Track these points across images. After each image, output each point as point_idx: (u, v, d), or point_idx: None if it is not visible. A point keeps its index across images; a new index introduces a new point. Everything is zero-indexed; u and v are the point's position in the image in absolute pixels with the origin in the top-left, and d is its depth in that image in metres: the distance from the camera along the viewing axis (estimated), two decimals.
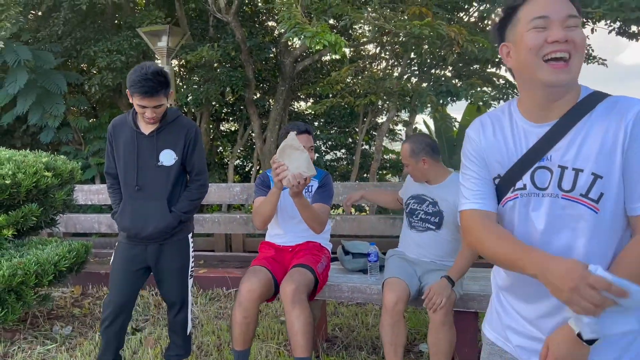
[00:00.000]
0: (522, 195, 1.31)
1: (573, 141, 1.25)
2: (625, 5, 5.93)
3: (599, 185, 1.21)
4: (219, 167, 9.48)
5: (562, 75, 1.22)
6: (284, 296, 2.59)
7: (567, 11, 1.23)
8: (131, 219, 2.56)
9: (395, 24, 4.19)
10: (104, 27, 7.62)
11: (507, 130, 1.35)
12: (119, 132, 2.59)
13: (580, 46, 1.23)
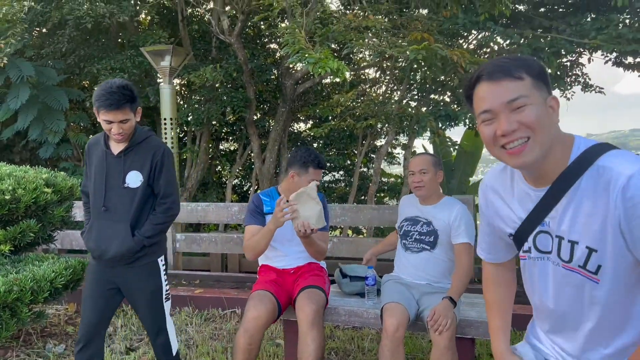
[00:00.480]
0: (529, 258, 1.35)
1: (566, 211, 1.23)
2: (622, 37, 6.04)
3: (595, 258, 1.20)
4: (217, 187, 9.50)
5: (521, 159, 1.20)
6: (303, 317, 2.52)
7: (506, 97, 1.19)
8: (95, 239, 2.47)
9: (396, 49, 4.26)
10: (107, 45, 7.71)
11: (510, 192, 1.37)
12: (92, 152, 2.53)
13: (535, 123, 1.18)
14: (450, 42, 6.95)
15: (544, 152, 1.20)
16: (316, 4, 5.13)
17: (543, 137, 1.19)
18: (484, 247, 1.57)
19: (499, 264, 1.56)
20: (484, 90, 1.22)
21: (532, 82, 1.20)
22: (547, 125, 1.19)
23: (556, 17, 7.27)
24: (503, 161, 1.26)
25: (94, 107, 2.40)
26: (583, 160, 1.21)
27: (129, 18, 6.87)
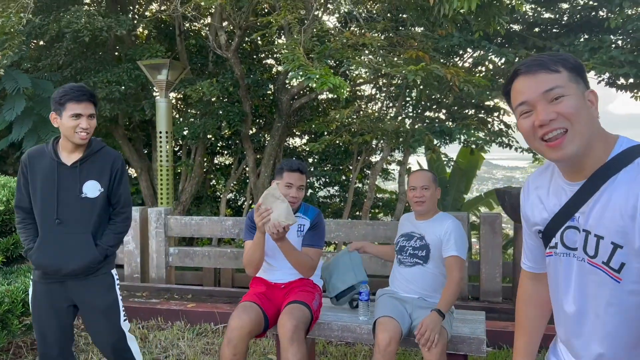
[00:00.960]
0: (555, 254, 1.32)
1: (596, 205, 1.21)
2: (614, 59, 6.14)
3: (619, 255, 1.16)
4: (211, 201, 9.47)
5: (561, 151, 1.19)
6: (282, 332, 2.54)
7: (543, 87, 1.20)
8: (51, 254, 2.36)
9: (392, 68, 4.31)
10: (104, 58, 7.74)
11: (547, 188, 1.36)
12: (35, 163, 2.41)
13: (573, 114, 1.18)
14: (446, 60, 7.04)
15: (584, 145, 1.19)
16: (313, 22, 5.19)
17: (582, 128, 1.18)
18: (527, 256, 1.52)
19: (538, 278, 1.50)
20: (521, 83, 1.24)
21: (568, 75, 1.21)
22: (585, 117, 1.18)
23: (550, 38, 7.38)
24: (544, 155, 1.24)
25: (56, 107, 2.35)
26: (623, 156, 1.20)
27: (127, 32, 6.91)
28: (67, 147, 2.41)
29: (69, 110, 2.33)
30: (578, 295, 1.27)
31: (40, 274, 2.44)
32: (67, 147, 2.41)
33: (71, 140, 2.37)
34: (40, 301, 2.44)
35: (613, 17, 6.36)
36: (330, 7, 6.52)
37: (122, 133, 8.27)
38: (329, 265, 3.10)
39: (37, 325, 2.44)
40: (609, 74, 6.69)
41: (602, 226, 1.18)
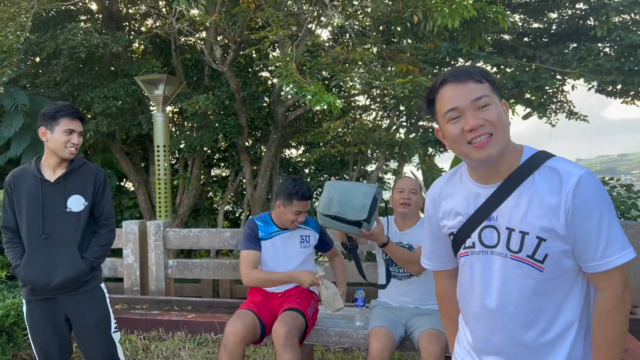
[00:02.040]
0: (472, 253, 1.43)
1: (517, 204, 1.34)
2: (601, 66, 6.29)
3: (543, 247, 1.31)
4: (208, 213, 9.53)
5: (486, 152, 1.31)
6: (276, 339, 2.63)
7: (472, 95, 1.31)
8: (38, 269, 2.41)
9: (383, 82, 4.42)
10: (101, 74, 7.84)
11: (459, 193, 1.46)
12: (19, 183, 2.48)
13: (497, 121, 1.30)
14: (438, 71, 7.17)
15: (503, 148, 1.33)
16: (306, 37, 5.31)
17: (503, 134, 1.32)
18: (427, 256, 1.65)
19: (449, 274, 1.62)
20: (451, 91, 1.34)
21: (489, 86, 1.34)
22: (504, 125, 1.33)
23: (539, 47, 7.55)
24: (469, 156, 1.34)
25: (47, 122, 2.42)
26: (533, 161, 1.36)
27: (123, 48, 7.02)
28: (51, 163, 2.49)
29: (62, 126, 2.42)
30: (501, 289, 1.38)
31: (28, 291, 2.47)
32: (51, 164, 2.49)
33: (60, 154, 2.44)
34: (37, 319, 2.48)
35: (599, 26, 6.53)
36: (323, 20, 6.65)
37: (119, 147, 8.35)
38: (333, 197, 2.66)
39: (38, 342, 2.49)
40: (597, 81, 6.84)
41: (526, 223, 1.32)
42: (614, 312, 1.31)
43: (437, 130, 1.46)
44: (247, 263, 2.85)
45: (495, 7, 4.46)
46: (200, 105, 6.14)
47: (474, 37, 4.61)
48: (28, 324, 2.52)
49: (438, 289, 1.69)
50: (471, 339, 1.50)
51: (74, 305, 2.49)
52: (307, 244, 3.01)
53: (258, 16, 5.28)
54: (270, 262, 2.94)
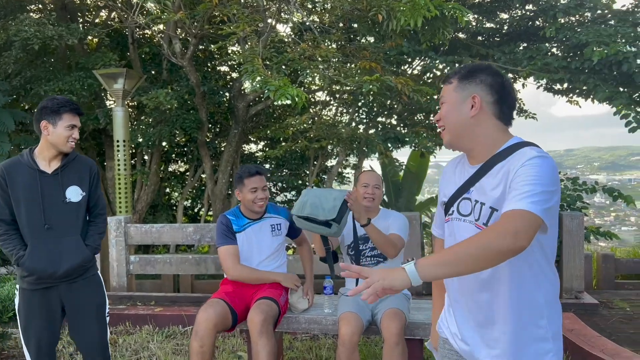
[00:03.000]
0: (451, 220, 1.64)
1: (487, 181, 1.53)
2: (550, 65, 6.61)
3: (494, 217, 1.48)
4: (167, 209, 9.41)
5: (443, 140, 1.65)
6: (251, 326, 2.70)
7: (441, 94, 1.63)
8: (45, 259, 2.46)
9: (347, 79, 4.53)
10: (55, 67, 7.61)
11: (458, 169, 1.69)
12: (14, 175, 2.48)
13: (445, 116, 1.60)
14: (397, 69, 7.36)
15: (454, 137, 1.60)
16: (270, 34, 5.35)
17: (452, 126, 1.59)
18: (437, 224, 1.83)
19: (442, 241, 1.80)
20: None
21: (457, 84, 1.59)
22: (456, 118, 1.57)
23: (492, 46, 7.84)
24: None
25: (50, 116, 2.46)
26: (511, 148, 1.53)
27: (78, 40, 6.84)
28: (47, 156, 2.53)
29: (66, 121, 2.49)
30: None
31: (33, 281, 2.49)
32: (47, 156, 2.53)
33: (60, 148, 2.50)
34: (35, 308, 2.51)
35: (548, 27, 6.85)
36: (284, 16, 6.70)
37: None
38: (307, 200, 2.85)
39: (33, 332, 2.51)
40: (546, 79, 7.18)
41: (488, 196, 1.51)
42: (487, 236, 1.37)
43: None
44: (231, 258, 2.96)
45: (453, 4, 4.64)
46: (162, 100, 6.07)
47: (434, 34, 4.78)
48: (22, 315, 2.54)
49: (436, 251, 1.89)
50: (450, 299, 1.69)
51: (75, 292, 2.56)
52: (279, 232, 3.12)
53: (223, 12, 5.28)
54: (244, 253, 3.02)
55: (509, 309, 1.51)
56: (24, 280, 2.52)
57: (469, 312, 1.60)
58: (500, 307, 1.52)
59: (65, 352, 3.74)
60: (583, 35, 6.12)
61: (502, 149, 1.54)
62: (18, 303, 2.55)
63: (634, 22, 6.87)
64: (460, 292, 1.62)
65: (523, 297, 1.50)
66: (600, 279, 6.47)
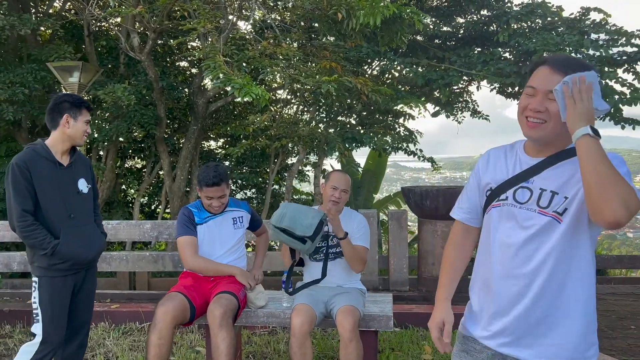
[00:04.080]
0: (504, 205, 1.64)
1: (554, 173, 1.57)
2: (502, 70, 6.89)
3: (565, 204, 1.53)
4: (122, 205, 9.22)
5: (534, 132, 1.57)
6: (211, 319, 2.73)
7: (549, 86, 1.52)
8: (79, 245, 2.65)
9: (306, 78, 4.60)
10: (6, 58, 7.35)
11: (509, 159, 1.70)
12: (35, 167, 2.57)
13: (556, 114, 1.52)
14: (357, 68, 7.48)
15: (550, 137, 1.56)
16: (231, 30, 5.35)
17: (555, 126, 1.54)
18: (465, 209, 1.82)
19: (469, 231, 1.83)
20: (542, 73, 1.57)
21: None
22: (559, 119, 1.52)
23: (448, 49, 8.08)
24: (521, 127, 1.61)
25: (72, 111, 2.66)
26: (574, 149, 1.55)
27: (31, 31, 6.63)
28: (62, 149, 2.68)
29: (84, 116, 2.70)
30: (525, 238, 1.59)
31: (67, 267, 2.63)
32: (61, 149, 2.67)
33: (77, 142, 2.71)
34: (63, 294, 2.65)
35: (501, 32, 7.13)
36: (245, 13, 6.70)
37: (25, 137, 7.86)
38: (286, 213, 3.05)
39: (56, 316, 2.62)
40: (498, 83, 7.47)
41: (558, 187, 1.55)
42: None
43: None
44: (189, 248, 3.00)
45: (410, 9, 4.78)
46: (119, 95, 5.96)
47: (392, 37, 4.91)
48: (48, 302, 2.60)
49: (451, 240, 1.86)
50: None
51: (87, 276, 2.78)
52: (241, 224, 3.17)
53: (183, 7, 5.24)
54: (206, 245, 3.04)
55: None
56: (54, 268, 2.61)
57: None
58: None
59: None
60: (532, 43, 6.40)
61: (570, 146, 1.57)
62: (41, 295, 2.61)
63: (580, 29, 7.23)
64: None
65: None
66: None
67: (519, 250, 1.59)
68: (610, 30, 7.13)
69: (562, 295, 1.56)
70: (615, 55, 6.99)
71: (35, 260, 2.62)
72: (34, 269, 2.65)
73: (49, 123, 2.69)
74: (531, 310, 1.56)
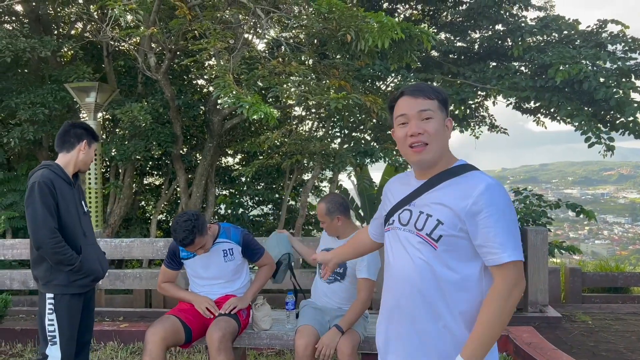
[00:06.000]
0: (392, 229, 1.73)
1: (433, 196, 1.63)
2: (517, 84, 6.81)
3: (439, 229, 1.58)
4: (141, 222, 9.33)
5: (422, 156, 1.62)
6: (210, 342, 2.73)
7: (419, 107, 1.61)
8: (96, 262, 2.79)
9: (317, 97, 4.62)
10: (27, 79, 7.55)
11: (404, 183, 1.77)
12: (58, 186, 2.67)
13: (433, 133, 1.60)
14: (371, 85, 7.49)
15: (436, 157, 1.63)
16: (242, 48, 5.42)
17: (437, 145, 1.62)
18: (375, 228, 2.00)
19: (373, 243, 2.06)
20: (405, 102, 1.66)
21: (438, 104, 1.64)
22: (441, 138, 1.63)
23: (463, 64, 8.03)
24: (407, 157, 1.67)
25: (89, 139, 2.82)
26: (459, 168, 1.66)
27: (51, 53, 6.81)
28: (71, 171, 2.81)
29: (95, 146, 2.89)
30: (402, 258, 1.68)
31: (87, 283, 2.75)
32: (70, 172, 2.81)
33: (84, 168, 2.86)
34: (76, 315, 2.74)
35: (516, 47, 7.07)
36: (259, 31, 6.77)
37: (46, 155, 8.04)
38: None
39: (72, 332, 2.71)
40: (514, 98, 7.38)
41: (433, 209, 1.61)
42: (499, 300, 1.54)
43: (393, 132, 1.75)
44: (162, 277, 3.21)
45: (419, 28, 4.77)
46: (136, 114, 6.06)
47: (401, 56, 4.91)
48: (67, 322, 2.68)
49: (363, 235, 2.10)
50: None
51: (91, 293, 2.91)
52: (232, 257, 3.12)
53: (195, 27, 5.33)
54: (203, 272, 3.06)
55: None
56: (74, 285, 2.70)
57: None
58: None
59: None
60: (547, 57, 6.32)
61: (452, 166, 1.66)
62: (59, 315, 2.66)
63: (596, 42, 7.13)
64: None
65: None
66: (568, 293, 6.62)
67: (405, 275, 1.65)
68: (628, 41, 7.01)
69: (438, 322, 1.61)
70: (633, 66, 6.86)
71: (53, 277, 2.65)
72: (50, 287, 2.66)
73: (62, 145, 2.77)
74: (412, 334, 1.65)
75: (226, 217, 9.27)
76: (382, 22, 4.25)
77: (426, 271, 1.60)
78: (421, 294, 1.60)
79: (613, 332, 4.60)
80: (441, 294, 1.59)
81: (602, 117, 6.84)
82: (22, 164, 8.03)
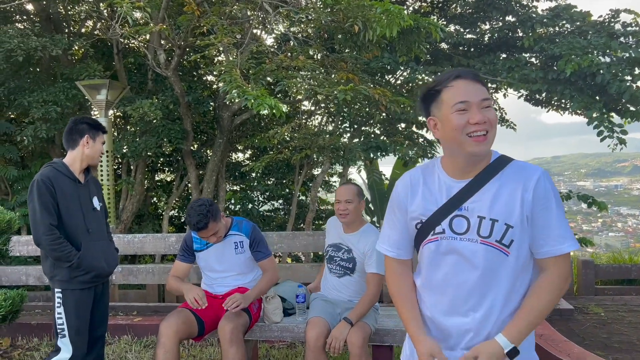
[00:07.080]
0: (441, 239, 1.56)
1: (487, 196, 1.52)
2: (527, 76, 6.74)
3: (510, 234, 1.50)
4: (153, 218, 9.42)
5: (483, 147, 1.50)
6: (222, 335, 2.77)
7: (482, 95, 1.50)
8: (100, 258, 2.78)
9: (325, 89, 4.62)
10: (39, 77, 7.62)
11: (432, 184, 1.61)
12: (58, 184, 2.70)
13: (494, 122, 1.51)
14: (380, 79, 7.46)
15: (490, 147, 1.53)
16: (250, 44, 5.43)
17: (494, 134, 1.52)
18: (391, 243, 1.71)
19: (405, 264, 1.72)
20: (464, 86, 1.51)
21: (487, 91, 1.54)
22: (496, 127, 1.53)
23: (473, 56, 7.96)
24: (464, 147, 1.50)
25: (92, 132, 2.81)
26: (499, 161, 1.56)
27: (62, 51, 6.87)
28: (79, 168, 2.83)
29: (101, 138, 2.88)
30: (466, 270, 1.55)
31: (88, 279, 2.75)
32: (78, 168, 2.83)
33: (93, 162, 2.87)
34: (87, 305, 2.78)
35: (526, 38, 6.99)
36: (267, 26, 6.78)
37: (59, 153, 8.13)
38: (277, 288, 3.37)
39: (82, 327, 2.74)
40: (525, 90, 7.31)
41: (495, 211, 1.51)
42: (556, 291, 1.52)
43: (429, 119, 1.60)
44: (173, 271, 3.16)
45: (428, 20, 4.75)
46: (146, 110, 6.11)
47: (410, 47, 4.89)
48: (74, 314, 2.72)
49: (391, 275, 1.73)
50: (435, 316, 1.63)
51: (102, 290, 2.90)
52: (242, 249, 3.14)
53: (203, 23, 5.35)
54: (216, 265, 3.09)
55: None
56: (76, 280, 2.72)
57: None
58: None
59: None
60: (557, 48, 6.26)
61: (492, 160, 1.57)
62: (66, 308, 2.71)
63: (609, 32, 7.03)
64: None
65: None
66: (580, 285, 6.58)
67: (469, 288, 1.55)
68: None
69: (504, 324, 1.55)
70: None
71: (56, 273, 2.72)
72: (55, 283, 2.74)
73: (68, 143, 2.82)
74: (475, 341, 1.57)
75: (237, 213, 9.32)
76: (389, 9, 4.22)
77: (498, 279, 1.53)
78: (490, 301, 1.56)
79: (626, 324, 4.57)
80: (515, 290, 1.56)
81: (613, 108, 6.76)
82: (36, 161, 8.13)
